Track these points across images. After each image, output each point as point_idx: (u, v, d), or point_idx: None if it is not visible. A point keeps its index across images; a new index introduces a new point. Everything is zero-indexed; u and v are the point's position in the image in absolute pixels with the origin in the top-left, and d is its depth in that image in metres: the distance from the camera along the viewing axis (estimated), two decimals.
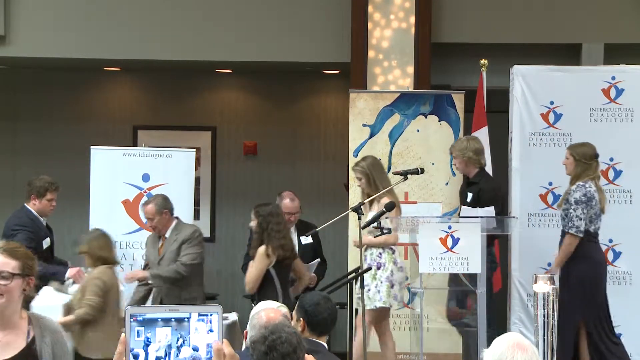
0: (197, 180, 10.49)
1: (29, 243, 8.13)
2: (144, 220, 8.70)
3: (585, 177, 8.00)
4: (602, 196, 8.06)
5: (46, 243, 8.34)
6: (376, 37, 10.07)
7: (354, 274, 8.38)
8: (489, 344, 3.44)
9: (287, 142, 11.96)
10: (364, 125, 9.35)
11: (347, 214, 8.55)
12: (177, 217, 8.62)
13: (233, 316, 9.14)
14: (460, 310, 8.63)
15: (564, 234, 8.01)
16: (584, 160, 8.05)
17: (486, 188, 8.20)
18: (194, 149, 9.74)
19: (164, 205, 8.43)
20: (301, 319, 5.42)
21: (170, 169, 9.36)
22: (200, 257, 8.52)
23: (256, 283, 7.70)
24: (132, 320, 2.62)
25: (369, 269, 8.24)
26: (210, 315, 2.63)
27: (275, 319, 4.92)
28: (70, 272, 8.22)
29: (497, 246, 8.70)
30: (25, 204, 8.41)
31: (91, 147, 9.51)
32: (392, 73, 10.06)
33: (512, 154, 8.87)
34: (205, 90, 12.07)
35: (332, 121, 11.90)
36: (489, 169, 8.92)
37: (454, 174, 9.11)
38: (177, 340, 2.61)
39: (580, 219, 7.91)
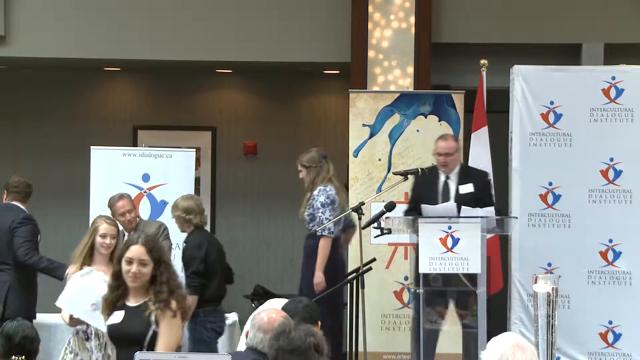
0: (197, 180, 10.48)
1: (32, 237, 8.25)
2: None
3: (322, 181, 8.17)
4: (343, 197, 8.27)
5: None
6: (376, 37, 10.08)
7: (354, 274, 8.40)
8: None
9: (287, 142, 11.94)
10: (364, 125, 9.35)
11: (347, 214, 8.56)
12: (138, 215, 8.71)
13: (233, 316, 9.15)
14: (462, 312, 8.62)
15: (308, 236, 8.20)
16: (313, 165, 8.19)
17: (187, 247, 8.12)
18: (194, 149, 9.75)
19: (133, 202, 8.51)
20: None
21: (170, 169, 9.37)
22: (171, 250, 8.54)
23: None
24: None
25: (369, 269, 8.24)
26: None
27: (276, 320, 4.94)
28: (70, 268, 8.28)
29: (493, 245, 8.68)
30: (16, 204, 8.42)
31: (91, 147, 9.51)
32: (392, 73, 10.07)
33: (512, 154, 8.87)
34: (205, 90, 12.07)
35: (332, 121, 11.90)
36: (489, 169, 8.91)
37: None
38: None
39: (330, 220, 8.05)
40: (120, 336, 5.31)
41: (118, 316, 5.30)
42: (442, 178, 8.26)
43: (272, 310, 5.13)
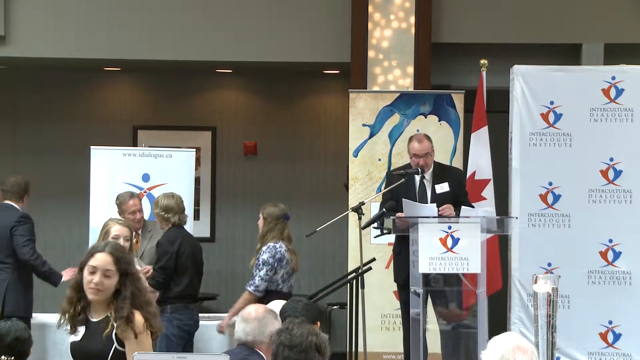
0: (197, 180, 10.49)
1: (31, 235, 8.30)
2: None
3: (272, 238, 8.05)
4: (294, 257, 8.13)
5: None
6: (376, 37, 10.08)
7: (354, 274, 8.40)
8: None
9: (287, 142, 11.95)
10: (364, 125, 9.35)
11: (347, 214, 8.56)
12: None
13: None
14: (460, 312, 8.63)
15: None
16: (269, 220, 8.10)
17: (160, 242, 8.12)
18: (194, 149, 9.75)
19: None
20: None
21: (170, 169, 9.37)
22: None
23: None
24: None
25: (369, 269, 8.23)
26: None
27: (257, 311, 5.06)
28: (66, 274, 8.31)
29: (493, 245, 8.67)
30: (11, 203, 8.46)
31: (91, 147, 9.51)
32: (392, 73, 10.07)
33: (512, 154, 8.87)
34: (205, 90, 12.07)
35: (332, 121, 11.90)
36: (488, 169, 8.90)
37: None
38: None
39: (262, 279, 7.94)
40: (81, 355, 4.69)
41: (79, 333, 4.69)
42: (418, 178, 8.16)
43: (258, 305, 5.20)
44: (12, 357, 4.85)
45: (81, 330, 4.67)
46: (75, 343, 4.69)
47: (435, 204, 7.87)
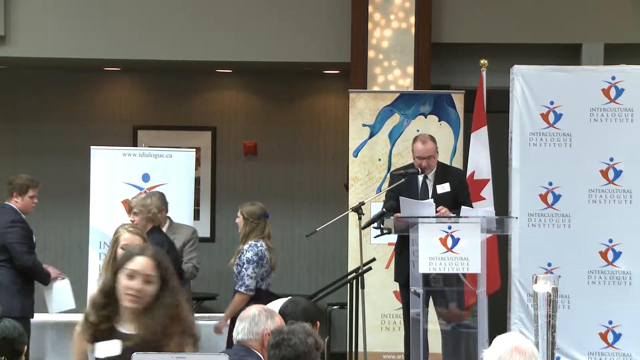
0: (197, 180, 10.49)
1: (25, 239, 8.22)
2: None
3: (254, 237, 7.99)
4: (273, 255, 8.11)
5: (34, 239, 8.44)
6: (376, 37, 10.08)
7: (354, 274, 8.40)
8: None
9: (287, 142, 11.95)
10: (364, 125, 9.35)
11: (347, 214, 8.56)
12: (169, 217, 8.63)
13: None
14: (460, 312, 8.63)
15: (235, 292, 8.07)
16: (251, 219, 8.04)
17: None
18: (194, 149, 9.75)
19: (163, 202, 8.43)
20: None
21: (170, 169, 9.37)
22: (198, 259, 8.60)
23: None
24: None
25: (369, 269, 8.24)
26: None
27: (250, 309, 5.04)
28: (53, 273, 8.33)
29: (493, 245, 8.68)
30: (7, 202, 8.44)
31: (91, 147, 9.51)
32: (392, 73, 10.07)
33: (512, 154, 8.88)
34: (205, 90, 12.07)
35: (332, 121, 11.90)
36: (488, 169, 8.90)
37: None
38: None
39: (251, 278, 7.90)
40: None
41: (113, 347, 4.16)
42: (420, 178, 8.20)
43: (257, 305, 5.21)
44: (3, 357, 4.82)
45: (112, 344, 4.18)
46: (112, 359, 4.19)
47: (433, 200, 7.90)
